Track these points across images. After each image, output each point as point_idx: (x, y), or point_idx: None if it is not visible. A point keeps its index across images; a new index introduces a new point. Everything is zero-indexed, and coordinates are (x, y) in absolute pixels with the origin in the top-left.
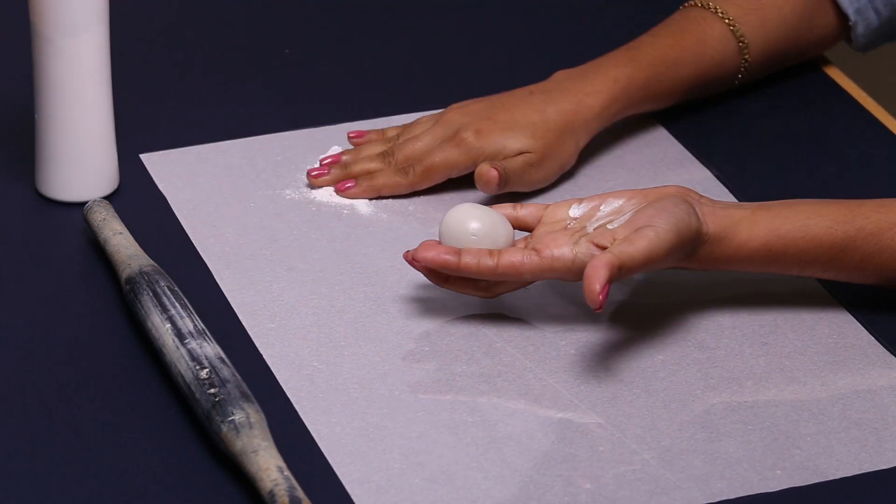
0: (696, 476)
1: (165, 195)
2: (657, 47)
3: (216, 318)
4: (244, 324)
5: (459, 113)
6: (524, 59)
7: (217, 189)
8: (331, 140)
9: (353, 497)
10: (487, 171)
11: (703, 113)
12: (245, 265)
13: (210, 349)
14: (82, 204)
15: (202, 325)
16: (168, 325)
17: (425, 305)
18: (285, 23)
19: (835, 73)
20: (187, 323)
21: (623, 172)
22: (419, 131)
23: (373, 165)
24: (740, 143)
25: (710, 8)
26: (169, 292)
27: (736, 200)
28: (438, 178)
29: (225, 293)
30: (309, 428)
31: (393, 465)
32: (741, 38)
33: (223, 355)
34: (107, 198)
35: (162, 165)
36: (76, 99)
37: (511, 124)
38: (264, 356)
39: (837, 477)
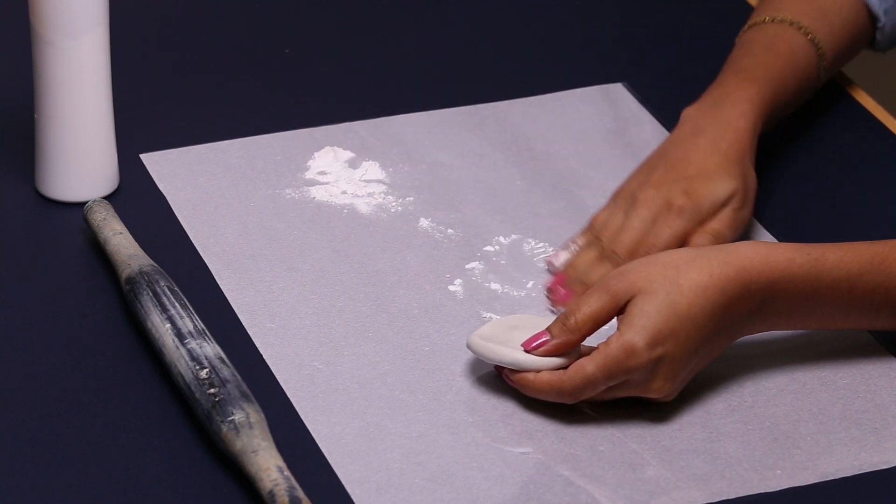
0: (696, 476)
1: (165, 195)
2: (763, 65)
3: (216, 318)
4: (244, 324)
5: (651, 186)
6: (525, 58)
7: (217, 189)
8: (331, 140)
9: (353, 497)
10: None
11: None
12: (245, 265)
13: (210, 349)
14: (82, 204)
15: (202, 325)
16: (168, 325)
17: (425, 305)
18: (285, 23)
19: (838, 75)
20: (187, 323)
21: (623, 172)
22: (621, 221)
23: (600, 271)
24: None
25: (784, 21)
26: (169, 292)
27: None
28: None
29: (225, 293)
30: (309, 428)
31: (393, 465)
32: (819, 46)
33: (223, 355)
34: (107, 198)
35: (162, 165)
36: (76, 99)
37: (705, 173)
38: (264, 356)
39: (837, 477)
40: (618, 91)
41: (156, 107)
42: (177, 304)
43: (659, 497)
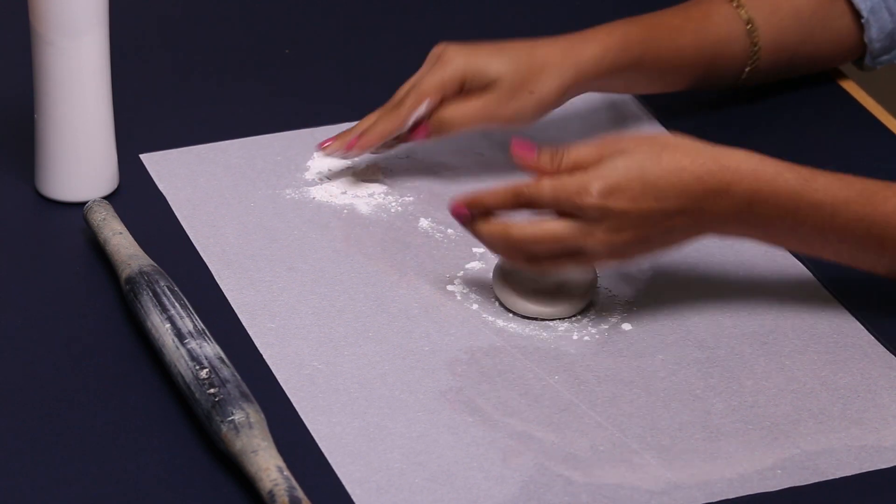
0: (696, 476)
1: (165, 195)
2: (658, 14)
3: (216, 318)
4: (244, 324)
5: (444, 43)
6: None
7: (217, 189)
8: None
9: (353, 497)
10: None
11: (702, 112)
12: (245, 265)
13: (210, 349)
14: (82, 204)
15: (202, 325)
16: (168, 325)
17: (425, 305)
18: (285, 23)
19: (836, 74)
20: (187, 323)
21: None
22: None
23: (371, 117)
24: (740, 143)
25: None
26: (169, 292)
27: None
28: (433, 101)
29: (225, 293)
30: (309, 428)
31: (393, 465)
32: (749, 21)
33: (223, 355)
34: (107, 198)
35: (162, 165)
36: (76, 99)
37: (496, 50)
38: (264, 356)
39: (837, 477)
40: None
41: (156, 107)
42: (177, 304)
43: (659, 497)
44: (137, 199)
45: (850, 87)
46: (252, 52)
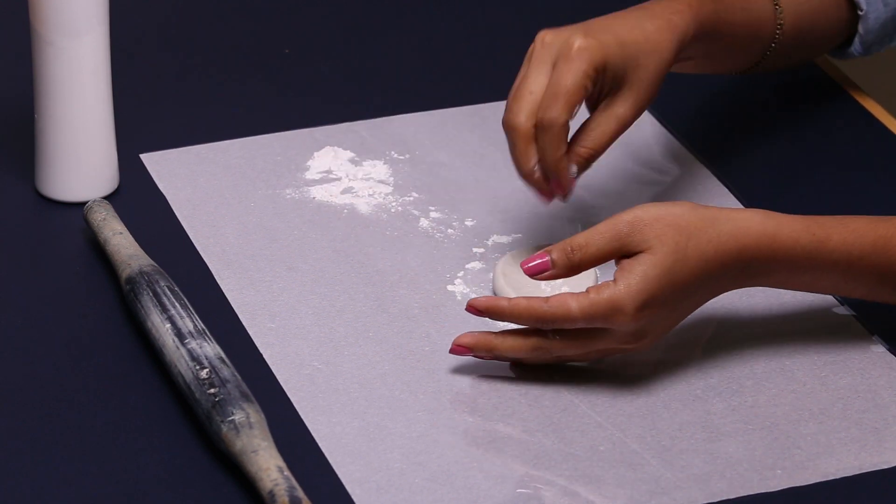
0: (696, 476)
1: (165, 195)
2: None
3: (216, 318)
4: (244, 324)
5: (551, 31)
6: None
7: (217, 189)
8: (331, 140)
9: (353, 497)
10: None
11: (704, 113)
12: (245, 265)
13: (210, 349)
14: (82, 204)
15: (202, 325)
16: (168, 325)
17: (425, 305)
18: (285, 22)
19: (835, 74)
20: (187, 323)
21: (622, 172)
22: (521, 76)
23: (526, 151)
24: (740, 142)
25: None
26: (169, 292)
27: (737, 200)
28: (578, 106)
29: (225, 293)
30: (309, 428)
31: (393, 465)
32: (776, 2)
33: (223, 355)
34: (107, 198)
35: (162, 165)
36: (76, 99)
37: (618, 39)
38: (264, 356)
39: (837, 477)
40: None
41: (156, 107)
42: (177, 304)
43: (659, 497)
44: (137, 199)
45: (851, 87)
46: (252, 52)
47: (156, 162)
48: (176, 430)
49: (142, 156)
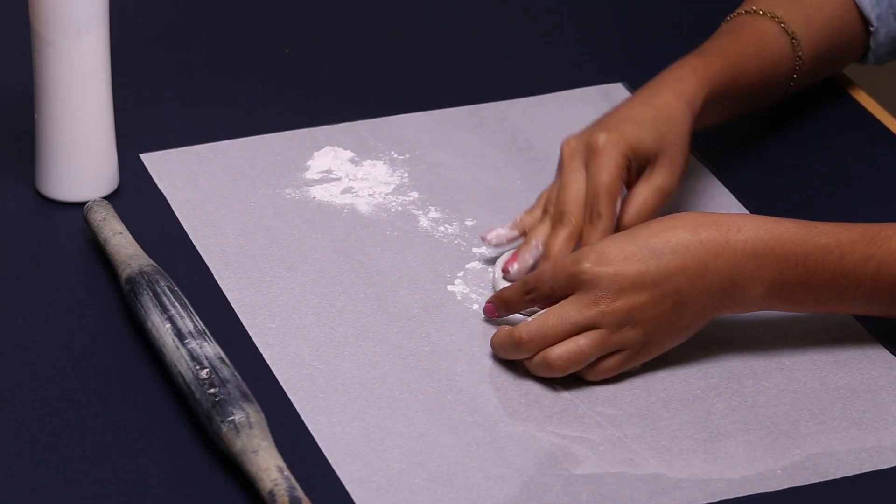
0: (696, 476)
1: (165, 195)
2: (721, 46)
3: (216, 318)
4: (244, 324)
5: (572, 137)
6: (525, 58)
7: (217, 189)
8: (331, 140)
9: (353, 497)
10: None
11: None
12: (245, 265)
13: (210, 349)
14: (82, 204)
15: (202, 325)
16: (168, 325)
17: (425, 305)
18: (285, 22)
19: (836, 74)
20: (187, 323)
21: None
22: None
23: (556, 233)
24: (740, 142)
25: (757, 12)
26: (169, 292)
27: (737, 200)
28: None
29: (225, 293)
30: (309, 428)
31: (393, 465)
32: (793, 35)
33: (223, 355)
34: (107, 198)
35: (162, 165)
36: (76, 99)
37: (635, 122)
38: (264, 356)
39: (837, 477)
40: (618, 91)
41: (156, 107)
42: (177, 304)
43: (659, 497)
44: (137, 199)
45: (851, 88)
46: (252, 52)
47: (156, 162)
48: (176, 430)
49: (142, 156)
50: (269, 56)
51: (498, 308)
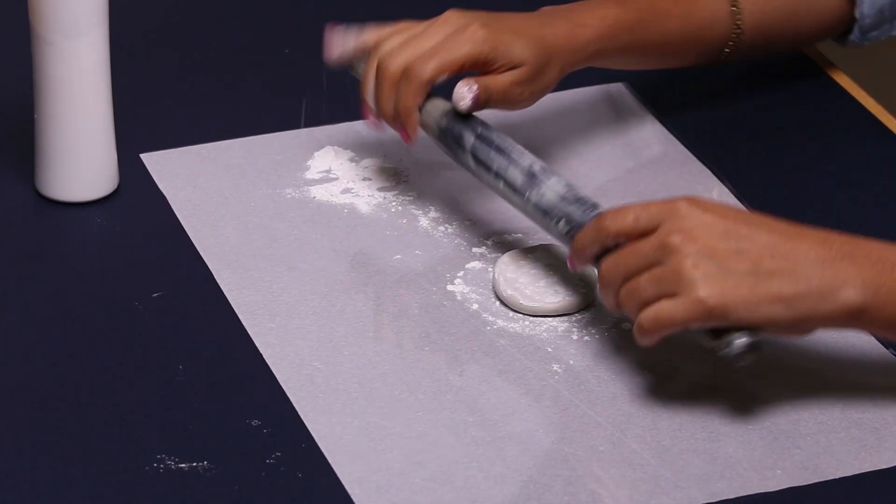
0: (696, 476)
1: (165, 195)
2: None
3: (216, 318)
4: (244, 324)
5: (458, 13)
6: None
7: (217, 189)
8: (331, 140)
9: (353, 497)
10: (464, 93)
11: (702, 111)
12: (245, 265)
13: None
14: (82, 204)
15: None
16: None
17: (425, 305)
18: (285, 23)
19: (836, 73)
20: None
21: (623, 172)
22: (414, 32)
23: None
24: (740, 142)
25: None
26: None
27: (735, 198)
28: (449, 75)
29: (225, 293)
30: (309, 428)
31: (393, 465)
32: (734, 3)
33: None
34: (107, 198)
35: (162, 165)
36: (76, 99)
37: (517, 30)
38: (264, 356)
39: (837, 477)
40: (618, 91)
41: (156, 107)
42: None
43: (659, 497)
44: (137, 199)
45: (850, 86)
46: (252, 52)
47: (156, 162)
48: (176, 430)
49: (142, 156)
50: (269, 56)
51: (580, 244)
